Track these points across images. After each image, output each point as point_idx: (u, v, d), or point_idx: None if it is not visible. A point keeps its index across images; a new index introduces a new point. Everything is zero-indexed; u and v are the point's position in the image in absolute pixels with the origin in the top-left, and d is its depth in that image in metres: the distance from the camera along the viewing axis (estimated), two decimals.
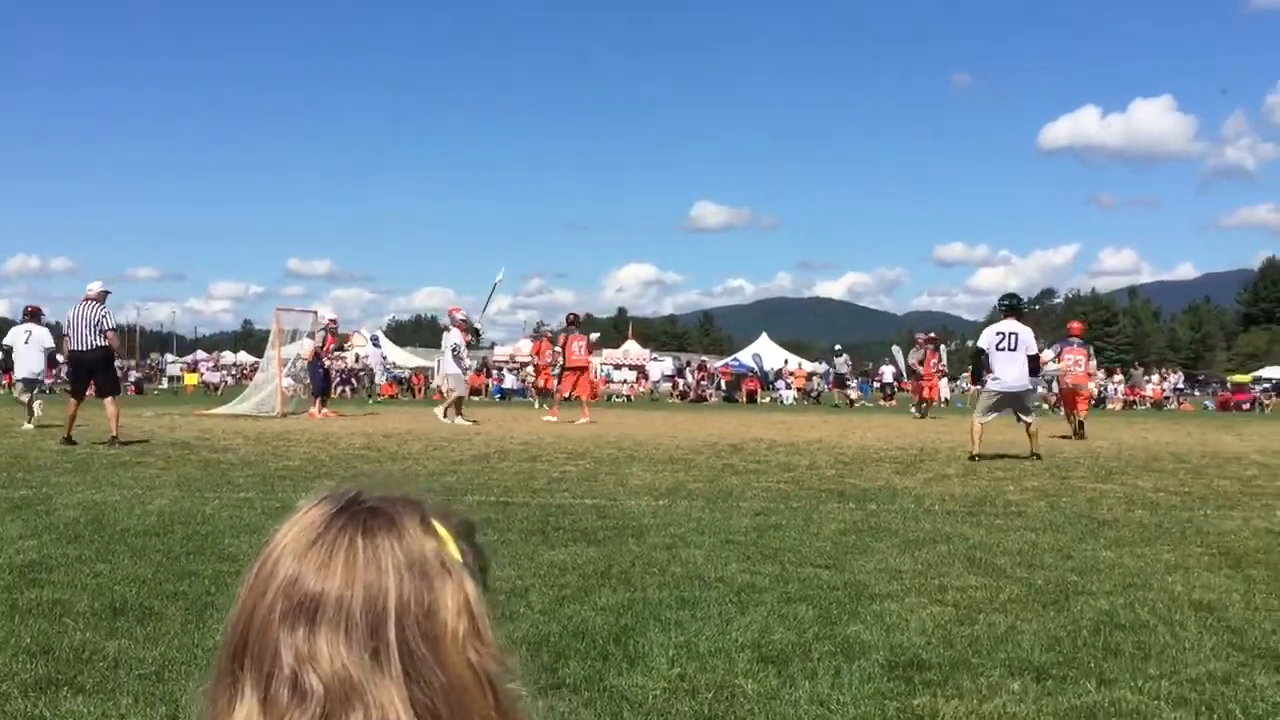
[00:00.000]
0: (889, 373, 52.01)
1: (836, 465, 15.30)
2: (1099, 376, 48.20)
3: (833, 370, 56.93)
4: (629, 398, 53.27)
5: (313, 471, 13.26)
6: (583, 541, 8.40)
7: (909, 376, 38.95)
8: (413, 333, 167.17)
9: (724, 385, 56.03)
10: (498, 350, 66.51)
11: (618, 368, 65.10)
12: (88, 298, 17.45)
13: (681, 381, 58.93)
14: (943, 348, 41.13)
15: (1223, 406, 53.99)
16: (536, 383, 41.40)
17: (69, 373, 18.76)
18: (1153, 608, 6.47)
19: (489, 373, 55.15)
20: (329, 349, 29.04)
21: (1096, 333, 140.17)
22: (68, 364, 18.62)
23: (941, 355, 38.93)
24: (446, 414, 24.97)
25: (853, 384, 53.63)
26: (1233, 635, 5.85)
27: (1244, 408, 52.49)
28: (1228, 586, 7.12)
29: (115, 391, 17.64)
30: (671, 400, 53.33)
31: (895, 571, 7.44)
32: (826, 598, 6.59)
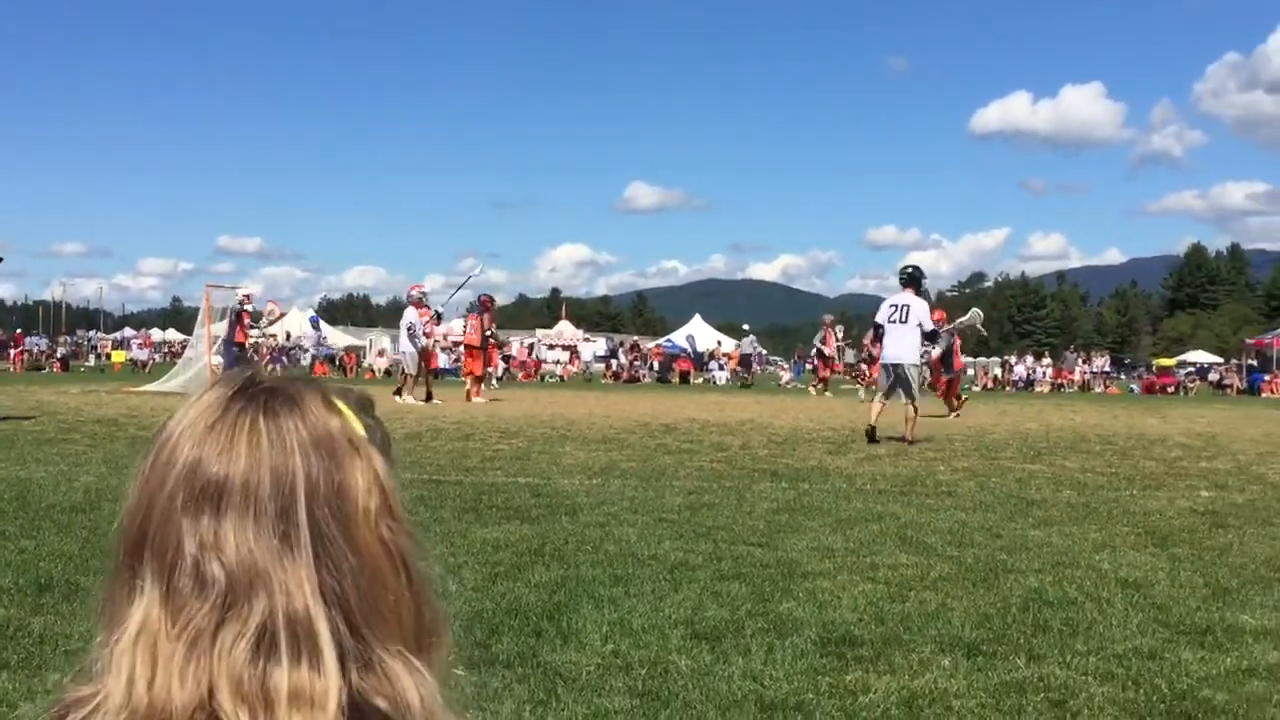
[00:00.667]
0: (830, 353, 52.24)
1: (769, 445, 15.37)
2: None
3: (738, 350, 57.00)
4: (562, 378, 53.13)
5: None
6: (516, 519, 8.37)
7: (815, 357, 39.76)
8: (344, 311, 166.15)
9: (657, 366, 56.07)
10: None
11: (551, 348, 64.94)
12: None
13: (615, 362, 58.89)
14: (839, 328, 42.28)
15: (1148, 390, 54.73)
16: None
17: None
18: (1080, 585, 6.55)
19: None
20: (245, 325, 28.90)
21: (1025, 316, 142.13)
22: None
23: (837, 335, 39.95)
24: (401, 393, 24.78)
25: (758, 367, 53.71)
26: (1158, 612, 5.94)
27: (1169, 391, 53.23)
28: (1153, 565, 7.23)
29: None
30: (605, 381, 53.31)
31: (827, 550, 7.48)
32: (759, 575, 6.62)
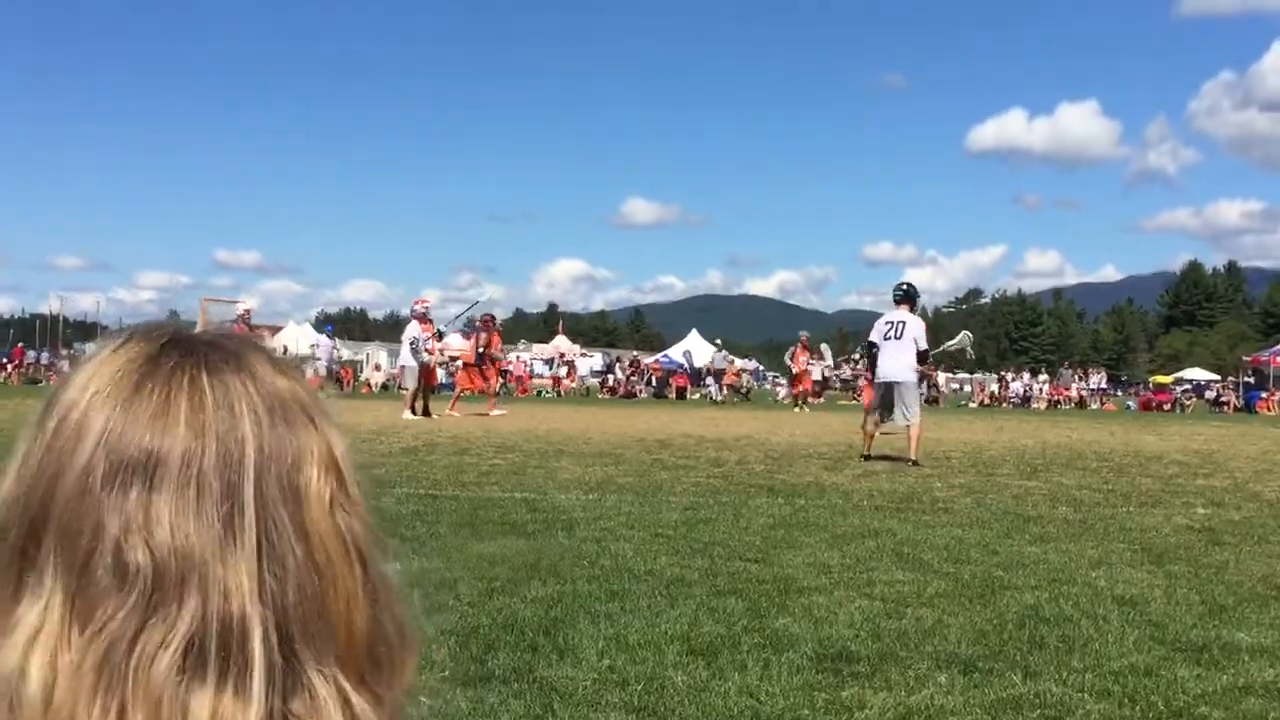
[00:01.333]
0: (817, 370, 52.30)
1: (765, 461, 15.37)
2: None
3: (710, 366, 56.95)
4: (558, 393, 53.14)
5: None
6: (512, 534, 8.36)
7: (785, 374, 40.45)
8: (342, 325, 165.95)
9: (654, 381, 56.07)
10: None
11: (547, 362, 64.92)
12: None
13: (611, 377, 58.87)
14: (824, 346, 42.70)
15: (1145, 407, 54.85)
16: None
17: None
18: (1077, 602, 6.54)
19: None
20: None
21: (1022, 333, 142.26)
22: None
23: (825, 353, 40.44)
24: (413, 409, 24.69)
25: (712, 380, 53.55)
26: (1154, 629, 5.93)
27: (1165, 408, 53.35)
28: (1150, 582, 7.22)
29: None
30: (601, 396, 53.30)
31: (824, 566, 7.47)
32: (755, 591, 6.60)
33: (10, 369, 51.54)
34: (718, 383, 51.80)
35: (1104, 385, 64.25)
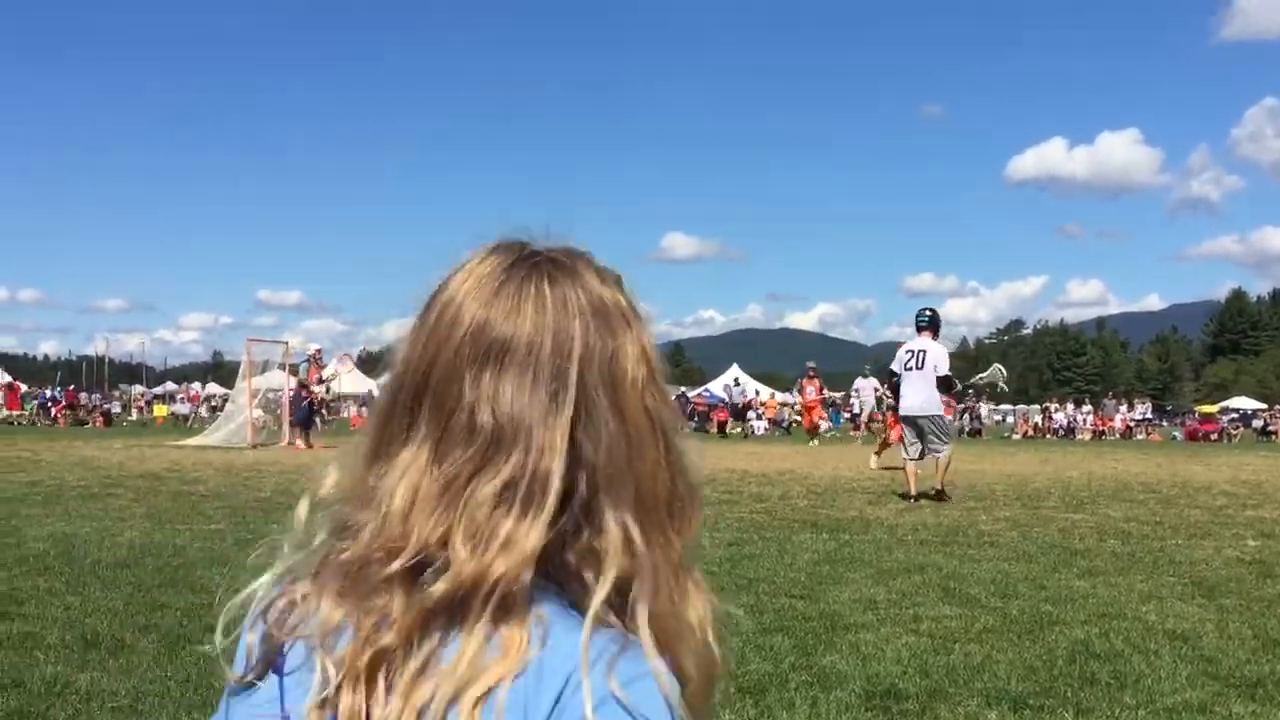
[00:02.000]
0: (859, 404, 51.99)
1: (809, 495, 15.31)
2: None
3: (729, 400, 56.82)
4: None
5: (284, 503, 13.15)
6: None
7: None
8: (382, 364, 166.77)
9: (695, 415, 55.98)
10: None
11: None
12: None
13: None
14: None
15: (1191, 437, 54.27)
16: None
17: None
18: (1127, 637, 6.49)
19: None
20: (313, 380, 28.51)
21: (1065, 363, 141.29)
22: None
23: (823, 386, 40.84)
24: None
25: (754, 415, 53.40)
26: (1207, 664, 5.88)
27: (1212, 438, 52.78)
28: (1201, 616, 7.16)
29: None
30: None
31: (870, 601, 7.44)
32: (802, 628, 6.59)
33: (56, 411, 51.85)
34: (760, 418, 51.65)
35: (1149, 415, 63.61)
